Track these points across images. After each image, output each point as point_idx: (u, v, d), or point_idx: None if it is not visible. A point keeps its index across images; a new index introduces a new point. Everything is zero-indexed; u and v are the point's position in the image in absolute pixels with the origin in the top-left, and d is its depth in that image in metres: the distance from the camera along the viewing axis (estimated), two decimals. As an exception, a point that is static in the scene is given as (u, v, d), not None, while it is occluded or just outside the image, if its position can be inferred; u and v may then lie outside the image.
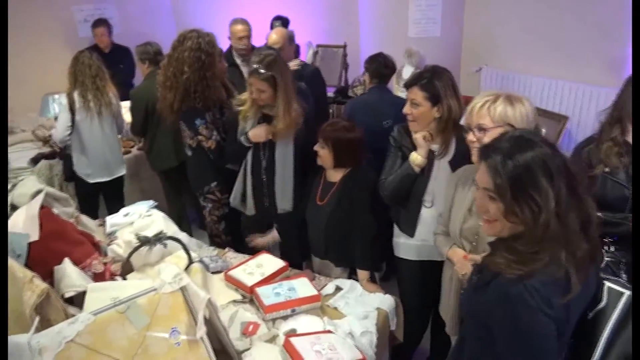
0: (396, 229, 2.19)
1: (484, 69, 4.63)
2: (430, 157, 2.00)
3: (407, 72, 4.16)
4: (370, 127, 2.71)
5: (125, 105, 3.54)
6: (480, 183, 1.17)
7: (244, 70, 3.44)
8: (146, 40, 3.77)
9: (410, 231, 2.10)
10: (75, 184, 3.42)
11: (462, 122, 1.85)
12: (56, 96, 3.94)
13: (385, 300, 1.97)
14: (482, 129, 1.61)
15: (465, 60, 4.70)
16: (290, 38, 3.33)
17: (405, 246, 2.16)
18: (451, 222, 1.81)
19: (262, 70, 2.27)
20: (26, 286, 1.54)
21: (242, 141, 2.44)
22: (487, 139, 1.60)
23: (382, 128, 2.66)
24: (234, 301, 1.96)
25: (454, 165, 1.94)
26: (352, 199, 2.19)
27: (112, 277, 1.95)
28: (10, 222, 1.92)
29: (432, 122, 1.97)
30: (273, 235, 2.42)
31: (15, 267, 1.60)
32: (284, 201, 2.45)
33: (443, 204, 1.91)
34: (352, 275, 2.23)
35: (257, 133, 2.39)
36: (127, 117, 3.59)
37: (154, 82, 3.11)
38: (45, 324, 1.49)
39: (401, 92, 4.01)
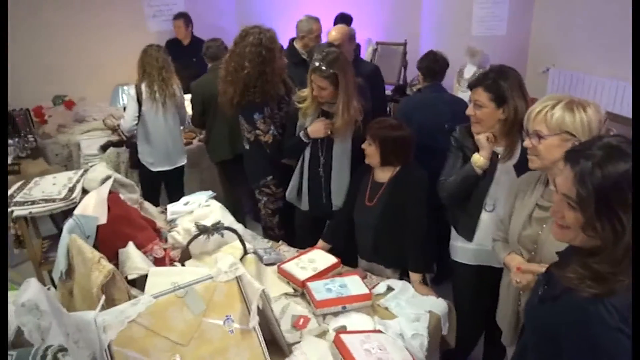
0: (453, 232, 2.14)
1: (551, 69, 4.42)
2: (494, 159, 1.93)
3: (469, 71, 4.04)
4: (427, 127, 2.67)
5: (189, 97, 3.68)
6: (560, 188, 1.09)
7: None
8: (211, 34, 3.90)
9: (468, 235, 2.04)
10: (139, 172, 3.59)
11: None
12: (125, 87, 4.14)
13: (437, 304, 1.92)
14: (538, 135, 1.54)
15: (532, 60, 4.52)
16: (351, 36, 3.32)
17: (462, 250, 2.10)
18: (510, 229, 1.75)
19: (324, 68, 2.28)
20: (94, 266, 1.63)
21: (300, 136, 2.47)
22: (542, 147, 1.53)
23: (439, 127, 2.60)
24: (286, 294, 1.98)
25: (520, 169, 1.86)
26: (402, 199, 2.16)
27: (172, 262, 2.03)
28: (81, 205, 2.04)
29: (496, 123, 1.91)
30: (321, 245, 2.40)
31: (86, 248, 1.70)
32: (340, 198, 2.45)
33: (504, 208, 1.84)
34: (403, 277, 2.20)
35: (316, 129, 2.41)
36: (189, 109, 3.73)
37: (212, 76, 3.21)
38: (109, 303, 1.57)
39: (462, 92, 3.90)
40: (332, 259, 2.14)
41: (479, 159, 1.92)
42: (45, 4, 4.79)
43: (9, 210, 2.14)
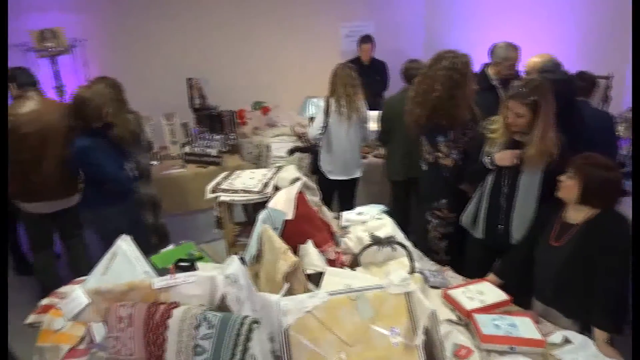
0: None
1: None
2: None
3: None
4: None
5: (372, 114, 3.86)
6: None
7: (502, 93, 3.39)
8: (396, 55, 4.03)
9: None
10: (318, 178, 3.87)
11: None
12: (314, 99, 4.48)
13: (624, 371, 1.70)
14: None
15: None
16: (556, 65, 3.11)
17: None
18: None
19: (525, 94, 2.19)
20: (281, 256, 1.81)
21: (485, 163, 2.41)
22: None
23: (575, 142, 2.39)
24: (449, 320, 1.95)
25: None
26: (596, 245, 1.94)
27: (342, 266, 2.15)
28: (273, 200, 2.28)
29: None
30: (491, 279, 2.29)
31: (275, 238, 1.91)
32: (520, 231, 2.32)
33: None
34: (583, 331, 1.98)
35: (503, 157, 2.33)
36: (372, 126, 3.90)
37: (403, 96, 3.30)
38: (288, 291, 1.73)
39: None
40: (502, 295, 2.04)
41: None
42: (255, 22, 5.53)
43: (215, 195, 2.50)
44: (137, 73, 4.65)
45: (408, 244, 2.24)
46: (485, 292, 2.05)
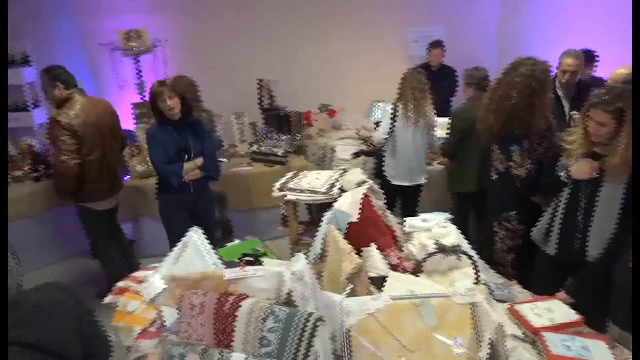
0: None
1: None
2: None
3: None
4: None
5: (440, 120, 3.78)
6: None
7: (565, 103, 3.25)
8: (467, 61, 3.92)
9: None
10: (381, 182, 3.85)
11: None
12: (381, 104, 4.47)
13: None
14: None
15: None
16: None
17: None
18: None
19: (609, 101, 2.07)
20: (345, 257, 1.83)
21: (560, 175, 2.30)
22: None
23: None
24: (514, 336, 1.88)
25: None
26: None
27: (404, 272, 2.13)
28: (339, 201, 2.30)
29: None
30: (562, 297, 2.18)
31: (340, 239, 1.93)
32: (597, 249, 2.19)
33: None
34: (664, 361, 1.84)
35: (581, 169, 2.20)
36: (439, 132, 3.82)
37: (473, 104, 3.21)
38: (350, 292, 1.75)
39: None
40: (573, 315, 1.94)
41: None
42: (324, 27, 5.62)
43: (282, 193, 2.56)
44: (211, 73, 4.86)
45: (473, 254, 2.18)
46: (554, 310, 1.96)
